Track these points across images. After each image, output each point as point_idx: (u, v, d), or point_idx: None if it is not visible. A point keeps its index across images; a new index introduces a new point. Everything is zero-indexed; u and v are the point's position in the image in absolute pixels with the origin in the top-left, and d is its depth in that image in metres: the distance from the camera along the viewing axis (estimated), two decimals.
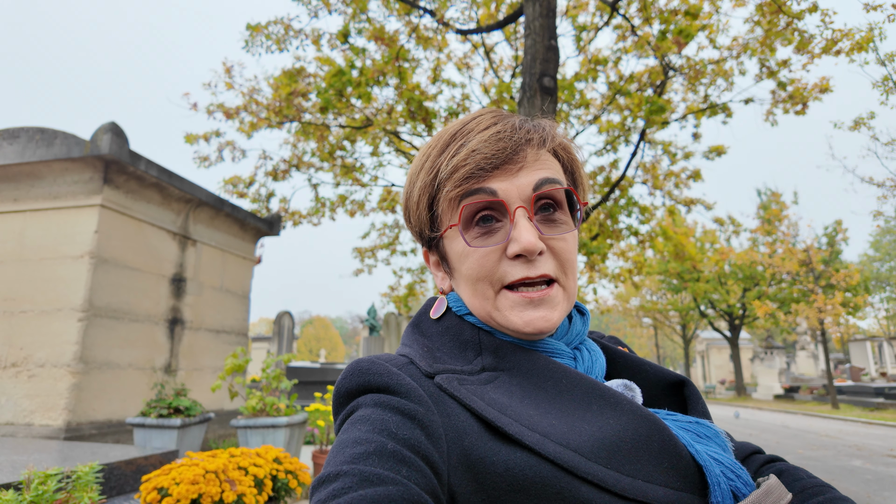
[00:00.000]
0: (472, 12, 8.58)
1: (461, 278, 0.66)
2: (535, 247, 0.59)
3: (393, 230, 10.79)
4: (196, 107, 7.74)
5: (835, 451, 8.59)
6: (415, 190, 0.68)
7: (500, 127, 0.63)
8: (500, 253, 0.62)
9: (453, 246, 0.65)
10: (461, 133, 0.64)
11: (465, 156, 0.61)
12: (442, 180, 0.63)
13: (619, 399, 0.57)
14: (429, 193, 0.66)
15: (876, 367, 27.48)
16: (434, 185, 0.65)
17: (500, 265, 0.61)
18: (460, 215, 0.62)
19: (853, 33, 6.29)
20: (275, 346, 14.04)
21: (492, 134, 0.62)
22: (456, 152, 0.62)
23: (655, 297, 34.68)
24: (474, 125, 0.64)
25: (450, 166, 0.62)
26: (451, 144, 0.64)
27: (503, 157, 0.61)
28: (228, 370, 4.58)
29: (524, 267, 0.61)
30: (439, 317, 0.69)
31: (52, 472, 2.01)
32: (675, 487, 0.51)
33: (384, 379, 0.56)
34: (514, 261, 0.61)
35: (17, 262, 4.93)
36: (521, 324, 0.61)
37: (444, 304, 0.70)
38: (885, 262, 37.05)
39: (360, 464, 0.46)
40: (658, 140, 9.76)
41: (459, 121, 0.67)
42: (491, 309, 0.63)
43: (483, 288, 0.63)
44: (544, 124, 0.66)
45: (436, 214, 0.67)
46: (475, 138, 0.62)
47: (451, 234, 0.65)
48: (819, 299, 17.74)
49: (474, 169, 0.61)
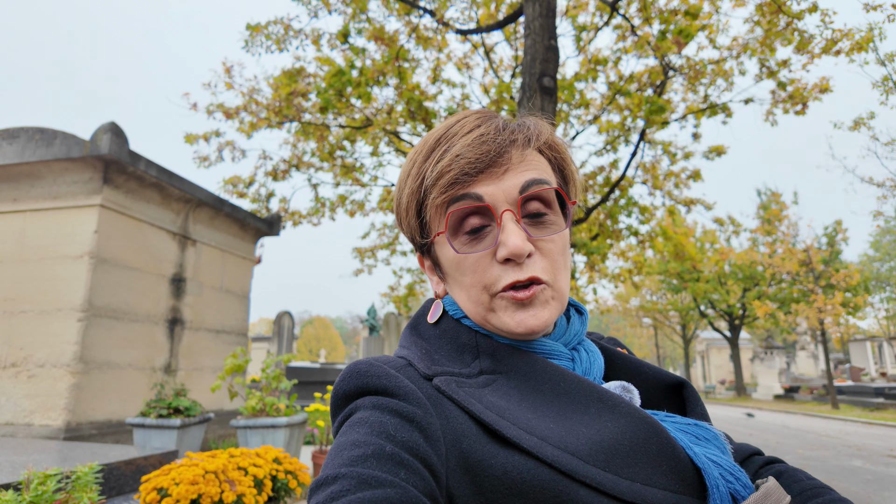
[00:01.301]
0: (472, 12, 8.59)
1: (454, 283, 0.66)
2: (522, 250, 0.59)
3: (393, 230, 10.81)
4: (196, 107, 7.74)
5: (835, 452, 8.59)
6: (403, 197, 0.67)
7: (483, 129, 0.62)
8: (490, 257, 0.61)
9: (443, 252, 0.65)
10: (445, 137, 0.64)
11: (450, 161, 0.61)
12: (428, 187, 0.63)
13: (617, 401, 0.57)
14: (416, 200, 0.65)
15: (876, 367, 27.47)
16: (421, 192, 0.65)
17: (491, 270, 0.61)
18: (446, 222, 0.62)
19: (853, 33, 6.29)
20: (275, 346, 14.05)
21: (475, 137, 0.61)
22: (440, 158, 0.62)
23: (655, 297, 34.68)
24: (458, 128, 0.64)
25: (434, 172, 0.62)
26: (436, 150, 0.63)
27: (487, 160, 0.61)
28: (228, 370, 4.58)
29: (514, 270, 0.60)
30: (436, 320, 0.69)
31: (52, 472, 2.01)
32: (673, 490, 0.51)
33: (382, 381, 0.56)
34: (504, 265, 0.61)
35: (17, 262, 4.93)
36: (513, 324, 0.61)
37: (440, 309, 0.70)
38: (885, 262, 37.05)
39: (359, 466, 0.46)
40: (658, 140, 9.77)
41: (444, 124, 0.67)
42: (485, 313, 0.63)
43: (477, 294, 0.63)
44: (529, 123, 0.66)
45: (424, 221, 0.66)
46: (459, 143, 0.61)
47: (441, 240, 0.65)
48: (819, 299, 17.74)
49: (458, 175, 0.60)
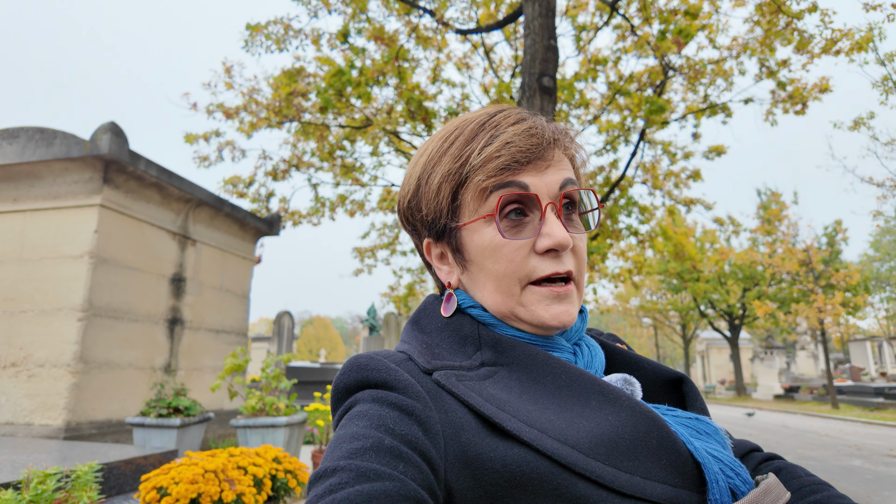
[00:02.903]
0: (472, 12, 8.59)
1: (480, 272, 0.65)
2: (567, 241, 0.60)
3: (393, 230, 10.80)
4: (196, 107, 7.75)
5: (835, 451, 8.59)
6: (434, 177, 0.65)
7: (531, 123, 0.63)
8: (529, 248, 0.62)
9: (476, 238, 0.64)
10: (490, 124, 0.64)
11: (500, 146, 0.61)
12: (473, 168, 0.62)
13: (618, 395, 0.57)
14: (455, 181, 0.64)
15: (876, 367, 27.47)
16: (462, 174, 0.63)
17: (529, 260, 0.62)
18: (497, 206, 0.61)
19: (853, 33, 6.29)
20: (274, 346, 14.05)
21: (525, 128, 0.62)
22: (489, 142, 0.62)
23: (655, 297, 34.69)
24: (501, 118, 0.64)
25: (483, 155, 0.61)
26: (481, 134, 0.63)
27: (536, 152, 0.62)
28: (228, 370, 4.58)
29: (553, 262, 0.61)
30: (451, 314, 0.67)
31: (52, 471, 2.01)
32: (673, 484, 0.51)
33: (382, 375, 0.56)
34: (544, 256, 0.61)
35: (17, 262, 4.93)
36: (548, 317, 0.61)
37: (454, 301, 0.68)
38: (885, 262, 37.06)
39: (357, 459, 0.46)
40: (658, 140, 9.77)
41: (481, 112, 0.66)
42: (514, 305, 0.63)
43: (508, 283, 0.62)
44: (567, 129, 0.68)
45: (458, 204, 0.65)
46: (508, 130, 0.62)
47: (476, 226, 0.64)
48: (819, 299, 17.74)
49: (509, 161, 0.61)
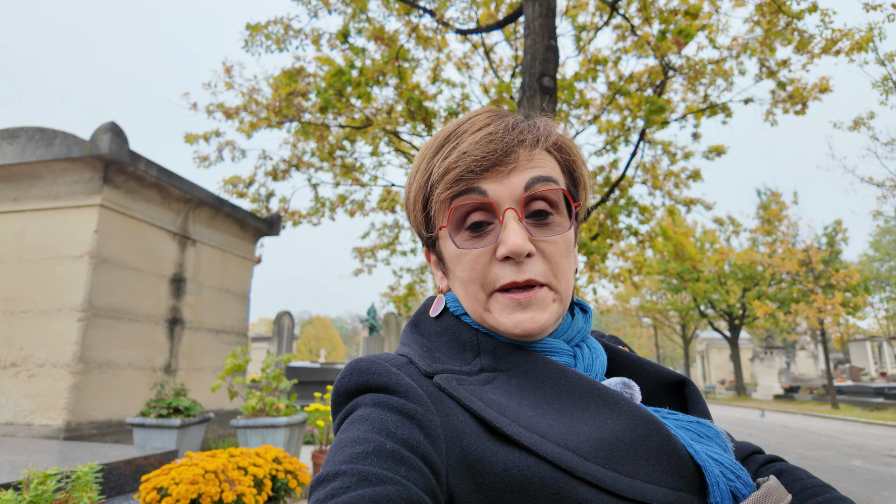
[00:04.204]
0: (472, 12, 8.58)
1: (455, 279, 0.66)
2: (522, 249, 0.58)
3: (393, 230, 10.79)
4: (196, 107, 7.74)
5: (835, 451, 8.59)
6: (411, 191, 0.69)
7: (492, 128, 0.62)
8: (490, 255, 0.61)
9: (446, 247, 0.66)
10: (455, 134, 0.64)
11: (457, 158, 0.61)
12: (434, 182, 0.64)
13: (618, 399, 0.57)
14: (423, 195, 0.66)
15: (876, 367, 27.47)
16: (427, 187, 0.65)
17: (491, 268, 0.61)
18: (449, 217, 0.63)
19: (853, 33, 6.29)
20: (274, 346, 14.04)
21: (483, 136, 0.61)
22: (448, 154, 0.63)
23: (655, 297, 34.68)
24: (468, 126, 0.64)
25: (441, 168, 0.62)
26: (445, 146, 0.64)
27: (493, 158, 0.61)
28: (228, 370, 4.58)
29: (513, 270, 0.60)
30: (437, 315, 0.69)
31: (52, 471, 2.01)
32: (673, 487, 0.51)
33: (383, 378, 0.56)
34: (504, 263, 0.61)
35: (17, 262, 4.93)
36: (510, 325, 0.61)
37: (442, 303, 0.70)
38: (885, 262, 37.04)
39: (359, 463, 0.46)
40: (658, 140, 9.77)
41: (456, 121, 0.67)
42: (482, 311, 0.63)
43: (474, 290, 0.63)
44: (539, 123, 0.66)
45: (430, 215, 0.67)
46: (467, 140, 0.62)
47: (443, 234, 0.66)
48: (819, 299, 17.73)
49: (464, 171, 0.61)
